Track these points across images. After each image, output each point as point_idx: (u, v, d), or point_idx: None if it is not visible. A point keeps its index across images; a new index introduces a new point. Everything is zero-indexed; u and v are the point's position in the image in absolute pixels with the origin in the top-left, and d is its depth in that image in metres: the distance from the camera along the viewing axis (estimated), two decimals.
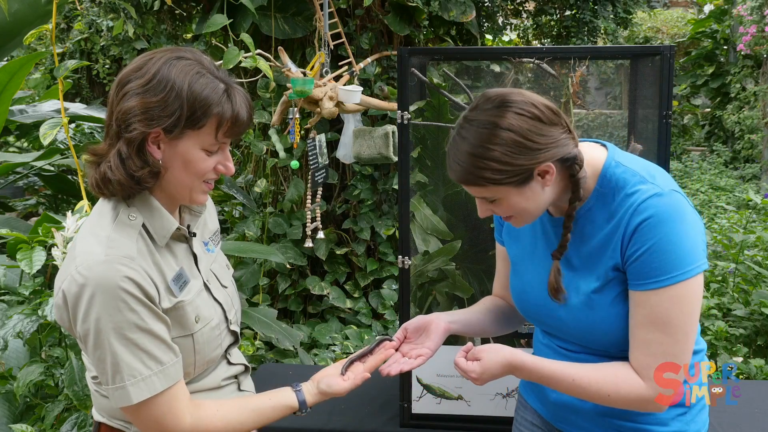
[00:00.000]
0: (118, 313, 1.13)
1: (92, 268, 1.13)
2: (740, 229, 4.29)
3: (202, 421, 1.23)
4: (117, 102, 1.18)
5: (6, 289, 2.51)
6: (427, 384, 2.24)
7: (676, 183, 1.30)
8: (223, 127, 1.20)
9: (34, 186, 4.46)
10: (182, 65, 1.17)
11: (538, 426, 1.54)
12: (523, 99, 1.23)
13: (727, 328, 3.44)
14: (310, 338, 3.69)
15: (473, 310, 1.59)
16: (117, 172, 1.16)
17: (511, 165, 1.20)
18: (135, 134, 1.15)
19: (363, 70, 3.46)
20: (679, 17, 12.81)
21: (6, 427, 2.18)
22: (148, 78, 1.16)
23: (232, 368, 1.39)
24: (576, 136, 1.28)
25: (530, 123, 1.21)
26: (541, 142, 1.21)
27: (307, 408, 1.33)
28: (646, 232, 1.21)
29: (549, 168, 1.23)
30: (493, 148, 1.20)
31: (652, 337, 1.23)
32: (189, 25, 4.59)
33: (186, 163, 1.20)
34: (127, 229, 1.19)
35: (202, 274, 1.32)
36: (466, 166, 1.22)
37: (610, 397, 1.27)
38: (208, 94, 1.17)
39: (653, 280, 1.21)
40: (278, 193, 4.02)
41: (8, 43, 4.27)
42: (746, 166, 9.54)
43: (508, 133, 1.20)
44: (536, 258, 1.41)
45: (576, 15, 4.99)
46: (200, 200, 1.27)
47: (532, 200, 1.26)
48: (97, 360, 1.17)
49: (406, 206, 2.15)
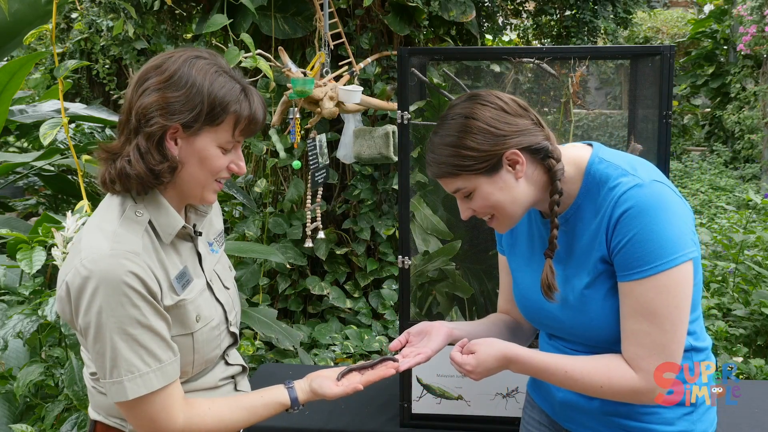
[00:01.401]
0: (120, 308, 1.14)
1: (97, 262, 1.14)
2: (740, 229, 4.29)
3: (193, 419, 1.24)
4: (137, 98, 1.20)
5: (6, 289, 2.51)
6: (427, 384, 2.24)
7: (666, 176, 1.31)
8: (240, 125, 1.23)
9: (34, 186, 4.46)
10: (201, 64, 1.21)
11: (545, 425, 1.54)
12: (490, 93, 1.33)
13: (727, 328, 3.44)
14: (310, 338, 3.69)
15: (478, 322, 1.60)
16: (137, 166, 1.18)
17: (477, 150, 1.27)
18: (155, 128, 1.18)
19: (363, 70, 3.46)
20: (679, 17, 12.81)
21: (6, 427, 2.18)
22: (168, 75, 1.19)
23: (230, 369, 1.40)
24: (550, 132, 1.33)
25: (494, 112, 1.29)
26: (506, 130, 1.28)
27: (299, 405, 1.33)
28: (628, 222, 1.23)
29: (517, 157, 1.28)
30: (461, 137, 1.28)
31: (639, 328, 1.24)
32: (189, 25, 4.59)
33: (202, 159, 1.22)
34: (133, 225, 1.21)
35: (205, 274, 1.33)
36: (439, 156, 1.31)
37: (603, 388, 1.28)
38: (227, 92, 1.21)
39: (636, 270, 1.22)
40: (278, 193, 4.02)
41: (8, 43, 4.27)
42: (746, 166, 9.54)
43: (473, 121, 1.28)
44: (533, 263, 1.43)
45: (576, 15, 4.99)
46: (210, 199, 1.29)
47: (506, 191, 1.30)
48: (96, 354, 1.17)
49: (406, 206, 2.15)
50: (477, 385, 2.20)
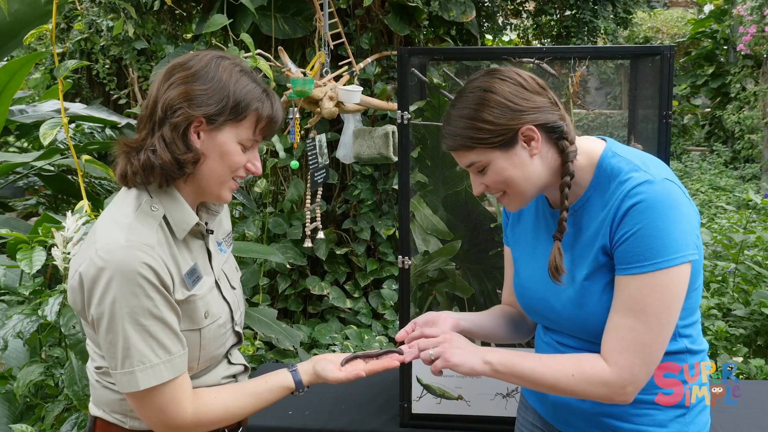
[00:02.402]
0: (134, 298, 1.16)
1: (113, 252, 1.16)
2: (740, 229, 4.29)
3: (201, 410, 1.26)
4: (163, 91, 1.24)
5: (6, 289, 2.51)
6: (427, 384, 2.24)
7: (674, 175, 1.31)
8: (260, 124, 1.27)
9: (34, 186, 4.46)
10: (226, 64, 1.26)
11: (538, 427, 1.54)
12: (509, 69, 1.33)
13: (727, 328, 3.44)
14: (310, 338, 3.69)
15: (483, 313, 1.61)
16: (163, 155, 1.21)
17: (494, 124, 1.27)
18: (180, 119, 1.21)
19: (363, 70, 3.46)
20: (679, 17, 12.81)
21: (6, 427, 2.18)
22: (195, 70, 1.24)
23: (232, 368, 1.41)
24: (565, 114, 1.33)
25: (513, 88, 1.29)
26: (523, 105, 1.28)
27: (303, 388, 1.35)
28: (634, 216, 1.23)
29: (533, 133, 1.28)
30: (478, 110, 1.28)
31: (625, 322, 1.24)
32: (189, 25, 4.59)
33: (223, 154, 1.25)
34: (148, 219, 1.23)
35: (214, 272, 1.36)
36: (454, 128, 1.31)
37: (575, 376, 1.26)
38: (250, 91, 1.26)
39: (636, 264, 1.22)
40: (278, 193, 4.02)
41: (8, 43, 4.28)
42: (746, 166, 9.54)
43: (490, 94, 1.28)
44: (537, 253, 1.43)
45: (576, 15, 4.99)
46: (226, 198, 1.32)
47: (520, 168, 1.30)
48: (108, 344, 1.19)
49: (406, 206, 2.15)
50: (477, 385, 2.20)
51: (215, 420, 1.28)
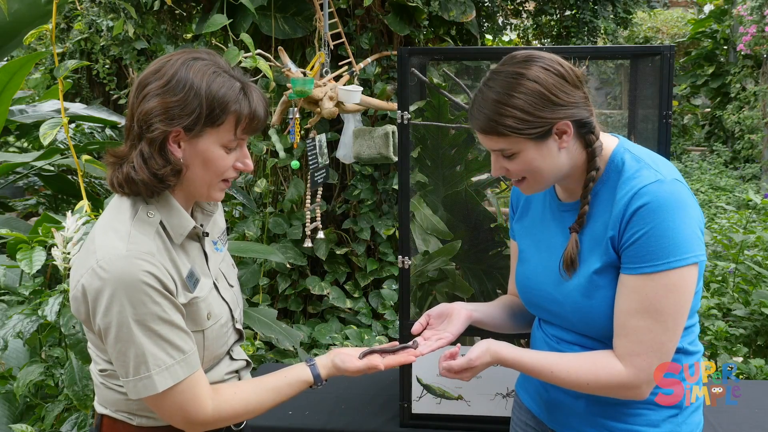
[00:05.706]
0: (142, 306, 1.16)
1: (114, 263, 1.16)
2: (740, 229, 4.29)
3: (222, 405, 1.27)
4: (138, 104, 1.21)
5: (6, 289, 2.51)
6: (427, 384, 2.24)
7: (682, 176, 1.31)
8: (241, 124, 1.24)
9: (34, 186, 4.46)
10: (199, 65, 1.22)
11: (532, 426, 1.54)
12: (551, 57, 1.29)
13: (727, 328, 3.44)
14: (310, 338, 3.69)
15: (492, 304, 1.61)
16: (141, 172, 1.20)
17: (533, 116, 1.24)
18: (156, 134, 1.19)
19: (363, 70, 3.46)
20: (679, 17, 12.81)
21: (6, 427, 2.18)
22: (167, 79, 1.20)
23: (234, 364, 1.42)
24: (593, 108, 1.32)
25: (555, 79, 1.26)
26: (564, 99, 1.25)
27: (322, 381, 1.36)
28: (645, 216, 1.23)
29: (567, 128, 1.26)
30: (517, 96, 1.24)
31: (643, 324, 1.24)
32: (189, 25, 4.59)
33: (206, 161, 1.24)
34: (145, 226, 1.22)
35: (211, 273, 1.36)
36: (489, 113, 1.26)
37: (590, 385, 1.28)
38: (226, 92, 1.21)
39: (648, 264, 1.22)
40: (278, 193, 4.02)
41: (8, 43, 4.28)
42: (746, 166, 9.54)
43: (533, 83, 1.24)
44: (542, 245, 1.44)
45: (576, 15, 4.99)
46: (217, 197, 1.31)
47: (548, 159, 1.29)
48: (117, 353, 1.19)
49: (406, 206, 2.15)
50: (477, 385, 2.20)
51: (236, 414, 1.29)
